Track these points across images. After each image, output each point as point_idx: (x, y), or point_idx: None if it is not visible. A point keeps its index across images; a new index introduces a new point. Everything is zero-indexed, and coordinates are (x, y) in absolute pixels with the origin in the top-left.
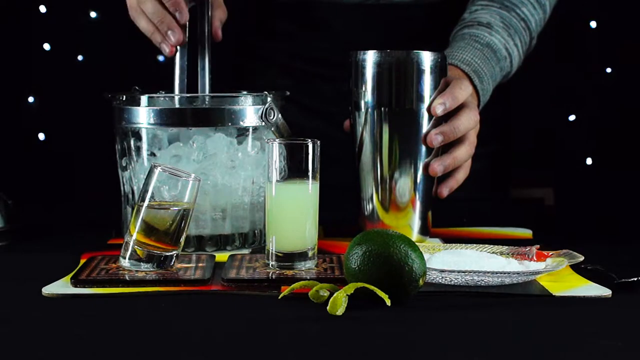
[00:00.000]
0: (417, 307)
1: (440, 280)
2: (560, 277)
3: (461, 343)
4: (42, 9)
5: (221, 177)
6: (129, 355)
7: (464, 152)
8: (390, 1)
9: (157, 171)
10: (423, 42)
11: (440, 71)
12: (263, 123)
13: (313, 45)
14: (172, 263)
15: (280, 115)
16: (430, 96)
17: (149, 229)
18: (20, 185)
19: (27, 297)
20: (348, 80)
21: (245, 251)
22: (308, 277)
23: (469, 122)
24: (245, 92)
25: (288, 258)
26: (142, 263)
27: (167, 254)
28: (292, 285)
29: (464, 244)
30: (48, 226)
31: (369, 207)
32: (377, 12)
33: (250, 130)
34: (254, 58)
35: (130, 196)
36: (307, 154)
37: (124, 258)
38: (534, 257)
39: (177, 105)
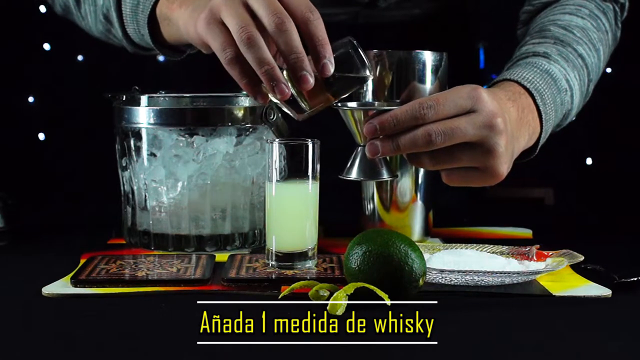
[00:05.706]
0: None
1: (440, 280)
2: (560, 277)
3: (461, 343)
4: (42, 9)
5: (221, 177)
6: (129, 355)
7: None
8: (368, 21)
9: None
10: None
11: (442, 71)
12: (263, 123)
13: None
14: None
15: (280, 115)
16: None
17: None
18: (20, 185)
19: (27, 297)
20: None
21: (245, 251)
22: (308, 277)
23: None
24: (245, 92)
25: (288, 258)
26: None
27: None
28: (292, 285)
29: (464, 244)
30: (48, 226)
31: (370, 207)
32: (354, 31)
33: (250, 130)
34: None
35: (130, 196)
36: (307, 154)
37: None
38: (534, 257)
39: (177, 105)
